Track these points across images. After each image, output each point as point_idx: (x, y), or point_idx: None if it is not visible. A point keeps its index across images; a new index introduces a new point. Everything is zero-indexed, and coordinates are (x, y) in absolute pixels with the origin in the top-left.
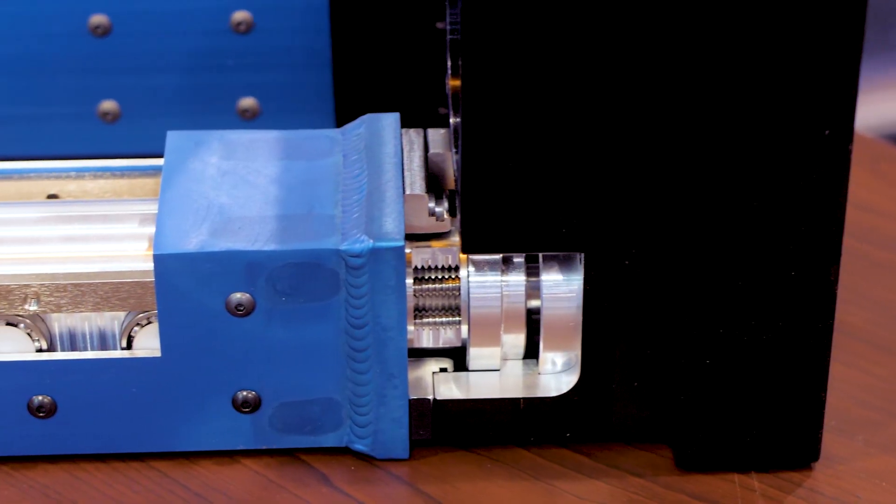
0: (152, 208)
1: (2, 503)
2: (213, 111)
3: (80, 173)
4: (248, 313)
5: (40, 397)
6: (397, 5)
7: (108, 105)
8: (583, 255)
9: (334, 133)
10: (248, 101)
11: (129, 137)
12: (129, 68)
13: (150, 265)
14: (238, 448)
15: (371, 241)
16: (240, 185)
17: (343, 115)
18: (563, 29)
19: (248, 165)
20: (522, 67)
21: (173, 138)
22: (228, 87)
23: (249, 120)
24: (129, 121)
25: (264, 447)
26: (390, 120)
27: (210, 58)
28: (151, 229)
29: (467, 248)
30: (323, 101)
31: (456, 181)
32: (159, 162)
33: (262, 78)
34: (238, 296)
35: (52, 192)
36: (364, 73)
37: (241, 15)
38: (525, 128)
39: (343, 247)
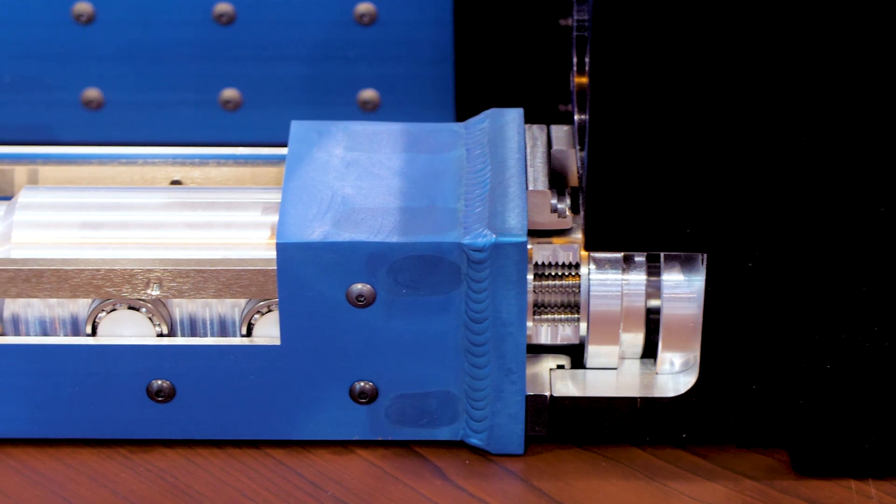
0: (275, 197)
1: (119, 486)
2: (334, 102)
3: (203, 160)
4: (368, 304)
5: (159, 381)
6: (521, 1)
7: (230, 93)
8: (705, 255)
9: (458, 127)
10: (368, 93)
11: (250, 126)
12: (251, 57)
13: (272, 254)
14: (353, 438)
15: (494, 235)
16: (364, 176)
17: (463, 110)
18: (692, 27)
19: (371, 157)
20: (651, 66)
21: (297, 128)
22: (350, 79)
23: (370, 112)
24: (250, 109)
25: (379, 438)
26: (514, 115)
27: (332, 49)
28: (274, 218)
29: (590, 245)
30: (443, 94)
31: (580, 178)
32: (282, 151)
33: (384, 70)
34: (359, 286)
35: (176, 178)
36: (486, 68)
37: (364, 7)
38: (652, 127)
39: (465, 241)
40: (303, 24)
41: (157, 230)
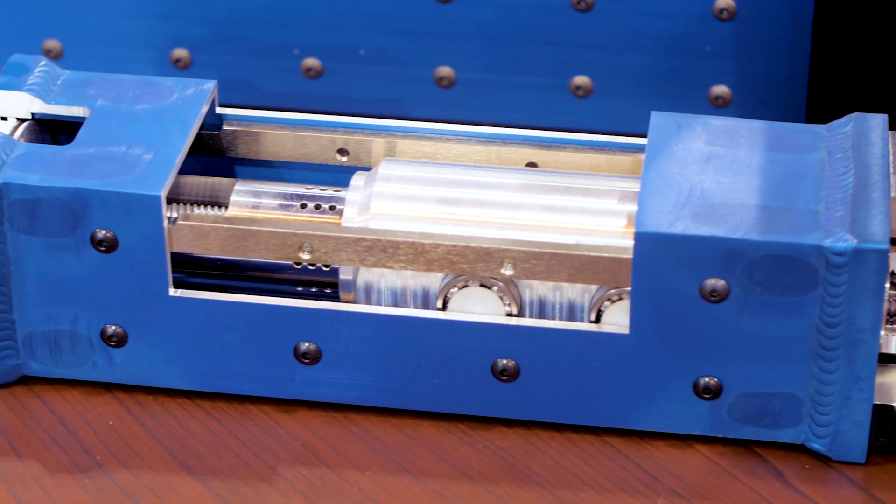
0: (632, 186)
1: (458, 461)
2: (684, 96)
3: (561, 145)
4: (721, 300)
5: (505, 361)
6: (885, 7)
7: (581, 80)
8: None
9: (819, 129)
10: (720, 89)
11: (597, 114)
12: (605, 45)
13: (628, 242)
14: (693, 433)
15: (855, 240)
16: (723, 171)
17: (814, 113)
18: None
19: (731, 153)
20: None
21: (657, 119)
22: (703, 73)
23: (720, 108)
24: (600, 97)
25: (719, 435)
26: (878, 121)
27: (688, 42)
28: (631, 207)
29: None
30: (796, 95)
31: None
32: (639, 140)
33: (738, 67)
34: (713, 282)
35: (532, 160)
36: (841, 71)
37: (725, 1)
38: None
39: (826, 244)
40: (660, 16)
41: (513, 210)
